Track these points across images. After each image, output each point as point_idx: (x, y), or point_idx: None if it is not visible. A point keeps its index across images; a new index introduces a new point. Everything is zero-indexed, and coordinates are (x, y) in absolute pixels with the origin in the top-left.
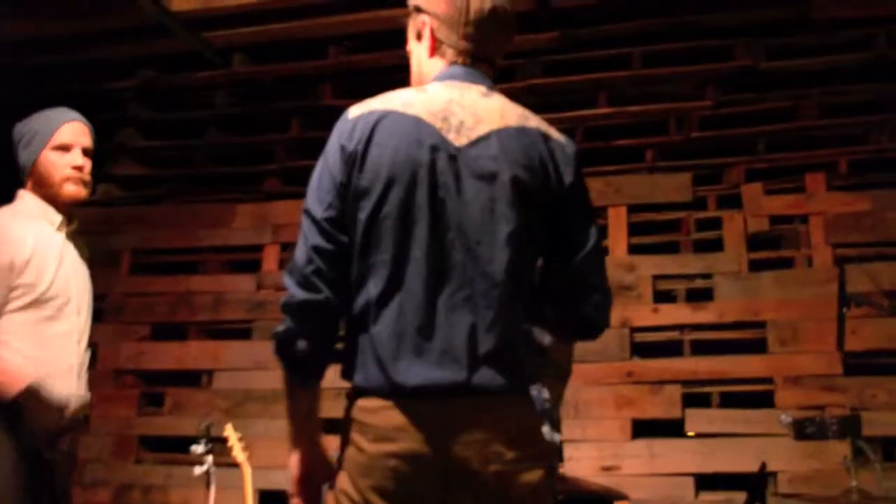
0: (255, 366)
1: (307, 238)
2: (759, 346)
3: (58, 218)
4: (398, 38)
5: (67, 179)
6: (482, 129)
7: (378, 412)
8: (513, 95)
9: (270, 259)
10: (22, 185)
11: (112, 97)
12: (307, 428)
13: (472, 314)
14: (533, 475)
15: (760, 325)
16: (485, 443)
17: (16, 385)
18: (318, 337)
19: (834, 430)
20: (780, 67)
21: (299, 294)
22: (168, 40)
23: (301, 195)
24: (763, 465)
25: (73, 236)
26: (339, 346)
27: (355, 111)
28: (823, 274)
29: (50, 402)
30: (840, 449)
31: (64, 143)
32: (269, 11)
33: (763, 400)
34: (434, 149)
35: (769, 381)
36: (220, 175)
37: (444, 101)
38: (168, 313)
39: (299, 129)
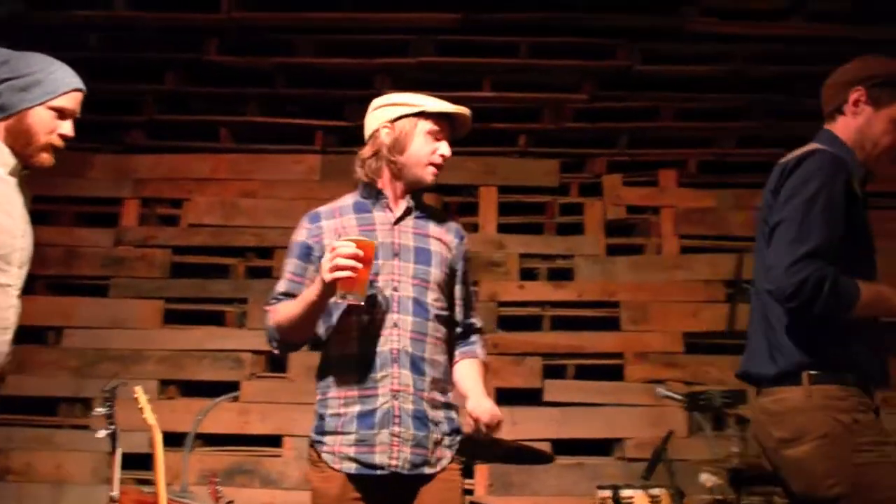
0: (111, 324)
1: None
2: (612, 324)
3: (12, 161)
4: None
5: (49, 146)
6: None
7: None
8: (403, 70)
9: (130, 214)
10: None
11: None
12: None
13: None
14: (795, 451)
15: (615, 304)
16: (761, 425)
17: None
18: None
19: (723, 402)
20: (652, 71)
21: None
22: None
23: (168, 150)
24: (669, 433)
25: (21, 184)
26: None
27: None
28: (671, 261)
29: None
30: (678, 418)
31: (65, 108)
32: None
33: (614, 373)
34: None
35: (620, 356)
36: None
37: None
38: None
39: (175, 82)
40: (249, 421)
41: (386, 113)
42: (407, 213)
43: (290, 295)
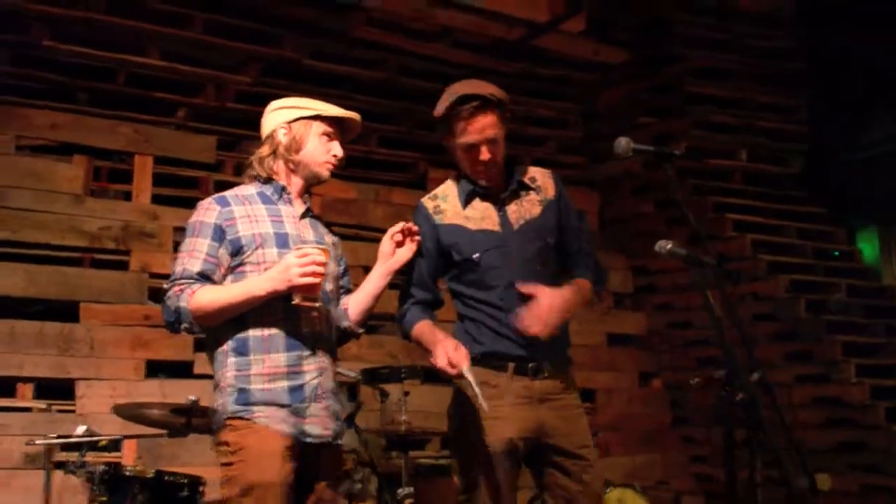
0: None
1: None
2: None
3: None
4: None
5: None
6: None
7: None
8: (57, 20)
9: None
10: None
11: None
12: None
13: None
14: None
15: None
16: None
17: None
18: None
19: (404, 376)
20: (317, 67)
21: None
22: None
23: None
24: (359, 403)
25: None
26: None
27: None
28: None
29: None
30: None
31: None
32: None
33: None
34: None
35: None
36: None
37: None
38: None
39: None
40: None
41: (283, 115)
42: (306, 211)
43: (206, 276)
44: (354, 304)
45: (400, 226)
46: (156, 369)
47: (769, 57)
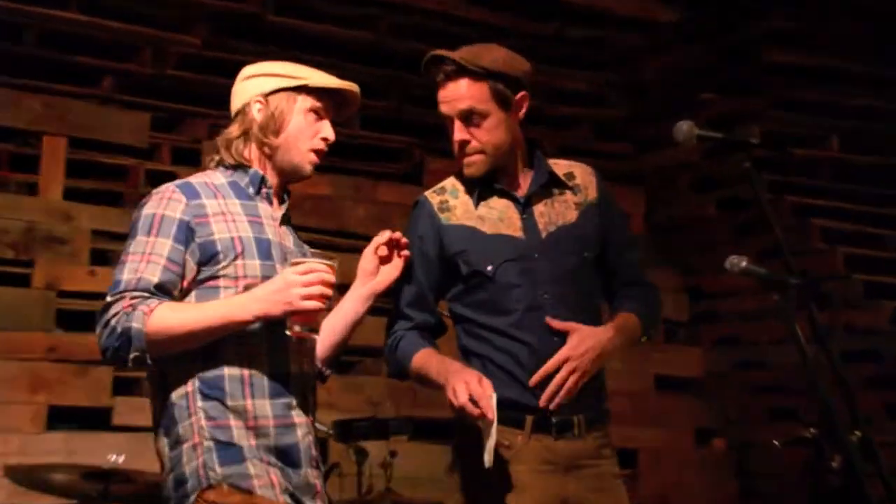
0: None
1: None
2: None
3: None
4: None
5: None
6: None
7: None
8: None
9: None
10: None
11: None
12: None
13: None
14: None
15: None
16: None
17: None
18: None
19: (396, 429)
20: (286, 24)
21: None
22: None
23: None
24: (333, 465)
25: None
26: None
27: None
28: None
29: None
30: None
31: None
32: None
33: None
34: None
35: None
36: None
37: None
38: None
39: None
40: None
41: (258, 85)
42: (285, 215)
43: (165, 290)
44: (324, 336)
45: (386, 236)
46: (61, 418)
47: (872, 18)
